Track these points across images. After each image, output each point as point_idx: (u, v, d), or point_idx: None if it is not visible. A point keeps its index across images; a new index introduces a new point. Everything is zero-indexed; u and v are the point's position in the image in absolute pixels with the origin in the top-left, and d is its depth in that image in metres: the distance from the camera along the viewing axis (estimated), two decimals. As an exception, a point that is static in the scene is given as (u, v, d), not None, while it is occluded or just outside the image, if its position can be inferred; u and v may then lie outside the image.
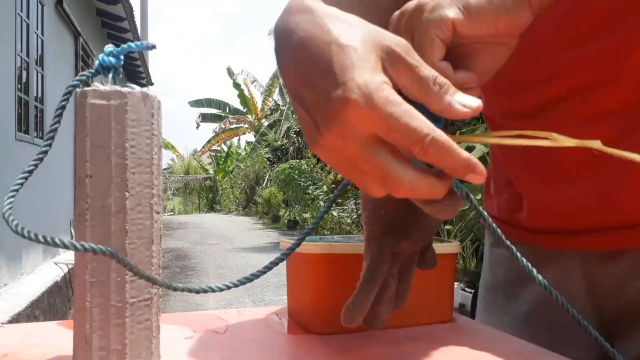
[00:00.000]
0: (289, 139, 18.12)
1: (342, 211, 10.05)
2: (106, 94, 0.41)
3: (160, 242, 0.44)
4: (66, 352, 0.45)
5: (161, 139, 0.45)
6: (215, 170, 23.95)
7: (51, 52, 6.03)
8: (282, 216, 14.65)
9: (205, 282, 6.37)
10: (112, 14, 8.01)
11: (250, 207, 18.32)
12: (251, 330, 0.59)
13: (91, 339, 0.41)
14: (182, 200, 24.49)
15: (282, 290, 5.62)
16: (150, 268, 0.43)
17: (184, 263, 7.83)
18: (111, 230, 0.41)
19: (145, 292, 0.43)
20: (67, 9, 6.41)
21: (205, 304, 5.21)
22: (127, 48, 0.42)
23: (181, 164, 27.17)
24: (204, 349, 0.52)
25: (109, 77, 0.43)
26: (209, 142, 24.50)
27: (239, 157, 22.12)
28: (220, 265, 7.55)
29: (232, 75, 21.90)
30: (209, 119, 23.67)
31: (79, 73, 0.44)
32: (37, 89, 5.61)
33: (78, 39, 7.23)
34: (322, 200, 10.70)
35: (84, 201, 0.41)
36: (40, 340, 0.53)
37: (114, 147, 0.41)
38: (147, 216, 0.43)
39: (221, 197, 22.98)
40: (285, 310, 0.65)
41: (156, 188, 0.43)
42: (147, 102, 0.42)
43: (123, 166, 0.41)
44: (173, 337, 0.55)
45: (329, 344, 0.54)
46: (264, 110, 22.56)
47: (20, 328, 0.60)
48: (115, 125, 0.41)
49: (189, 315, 0.64)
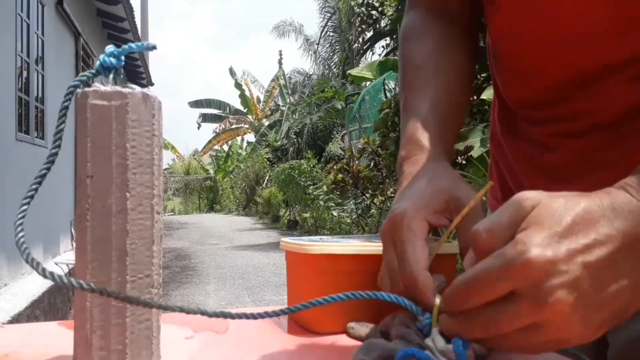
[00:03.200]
0: (289, 139, 18.13)
1: (342, 211, 10.05)
2: (107, 95, 0.41)
3: (160, 242, 0.44)
4: (66, 352, 0.46)
5: (162, 139, 0.45)
6: (216, 171, 23.95)
7: (51, 52, 6.03)
8: (282, 216, 14.64)
9: (206, 282, 6.37)
10: (113, 14, 8.00)
11: (251, 207, 18.32)
12: (251, 330, 0.59)
13: (91, 338, 0.41)
14: (182, 200, 24.48)
15: (282, 290, 5.62)
16: (150, 268, 0.43)
17: (184, 263, 7.83)
18: (112, 230, 0.41)
19: (146, 292, 0.43)
20: (67, 9, 6.40)
21: (206, 304, 5.21)
22: (127, 49, 0.43)
23: (182, 164, 27.16)
24: (204, 349, 0.52)
25: (109, 78, 0.43)
26: (210, 142, 24.52)
27: (239, 158, 22.12)
28: (221, 265, 7.55)
29: (233, 76, 21.91)
30: (209, 119, 23.69)
31: (80, 73, 0.44)
32: (37, 89, 5.61)
33: (78, 39, 7.23)
34: (322, 200, 10.69)
35: (84, 201, 0.41)
36: (41, 340, 0.53)
37: (115, 147, 0.41)
38: (148, 216, 0.43)
39: (221, 197, 22.98)
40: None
41: (157, 188, 0.43)
42: (148, 102, 0.43)
43: (124, 166, 0.42)
44: (173, 337, 0.55)
45: (329, 344, 0.54)
46: (264, 110, 22.57)
47: (20, 328, 0.60)
48: (116, 125, 0.41)
49: (189, 315, 0.64)
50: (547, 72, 0.61)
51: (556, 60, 0.60)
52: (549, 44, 0.59)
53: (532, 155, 0.66)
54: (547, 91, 0.62)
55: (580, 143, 0.60)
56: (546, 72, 0.61)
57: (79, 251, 0.42)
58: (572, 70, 0.59)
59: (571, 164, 0.61)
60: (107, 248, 0.41)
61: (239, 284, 6.23)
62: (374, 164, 6.37)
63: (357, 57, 17.91)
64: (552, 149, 0.63)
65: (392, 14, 13.60)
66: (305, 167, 12.00)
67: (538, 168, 0.66)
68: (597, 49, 0.56)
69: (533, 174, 0.67)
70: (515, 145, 0.69)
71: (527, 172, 0.68)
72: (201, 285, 6.18)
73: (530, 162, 0.67)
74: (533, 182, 0.67)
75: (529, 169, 0.68)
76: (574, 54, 0.58)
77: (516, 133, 0.69)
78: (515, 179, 0.71)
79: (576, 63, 0.58)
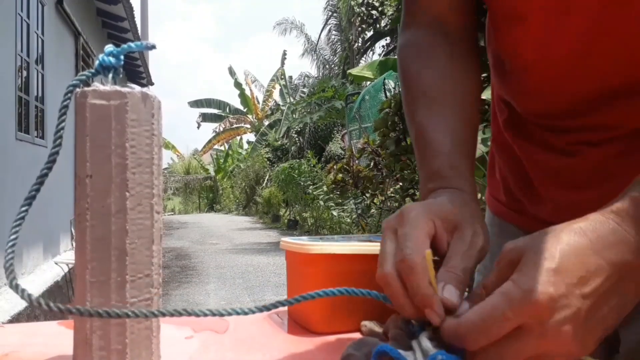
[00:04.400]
0: (289, 138, 18.13)
1: (342, 211, 10.05)
2: (106, 94, 0.41)
3: (160, 242, 0.44)
4: (66, 352, 0.45)
5: (161, 138, 0.45)
6: (216, 170, 23.95)
7: (51, 52, 6.03)
8: (282, 216, 14.65)
9: (206, 281, 6.37)
10: (113, 14, 8.00)
11: (250, 207, 18.32)
12: (251, 330, 0.59)
13: (91, 338, 0.41)
14: (182, 199, 24.48)
15: (282, 290, 5.63)
16: (150, 268, 0.43)
17: (184, 262, 7.83)
18: (111, 230, 0.41)
19: (146, 291, 0.43)
20: (67, 9, 6.40)
21: (205, 304, 5.21)
22: (126, 48, 0.42)
23: (181, 164, 27.17)
24: (204, 349, 0.52)
25: (109, 77, 0.43)
26: (210, 142, 24.52)
27: (240, 157, 22.12)
28: (221, 265, 7.55)
29: (233, 75, 21.93)
30: (209, 118, 23.70)
31: (79, 73, 0.44)
32: (37, 89, 5.61)
33: (78, 39, 7.23)
34: (322, 200, 10.69)
35: (84, 201, 0.41)
36: (41, 340, 0.53)
37: (114, 147, 0.41)
38: (147, 216, 0.43)
39: (221, 196, 22.97)
40: (285, 310, 0.65)
41: (156, 188, 0.43)
42: (147, 102, 0.43)
43: (123, 166, 0.41)
44: (173, 337, 0.55)
45: (329, 344, 0.54)
46: (264, 110, 22.58)
47: (20, 328, 0.60)
48: (115, 125, 0.41)
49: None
50: (574, 86, 0.61)
51: (584, 75, 0.59)
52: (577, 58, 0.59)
53: (548, 160, 0.66)
54: (570, 104, 0.62)
55: (598, 152, 0.61)
56: (573, 86, 0.61)
57: (78, 251, 0.42)
58: (598, 85, 0.59)
59: (588, 171, 0.62)
60: (107, 247, 0.41)
61: (239, 283, 6.23)
62: (374, 164, 6.36)
63: (357, 57, 17.92)
64: (570, 155, 0.63)
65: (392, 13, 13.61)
66: (305, 167, 11.99)
67: (554, 174, 0.66)
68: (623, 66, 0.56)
69: (549, 181, 0.67)
70: (530, 151, 0.68)
71: (544, 180, 0.68)
72: (201, 285, 6.18)
73: (546, 167, 0.67)
74: (548, 189, 0.67)
75: (545, 176, 0.67)
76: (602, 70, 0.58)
77: (531, 139, 0.68)
78: (523, 184, 0.71)
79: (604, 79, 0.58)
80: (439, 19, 0.68)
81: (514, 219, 0.74)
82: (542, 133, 0.66)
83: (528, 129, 0.68)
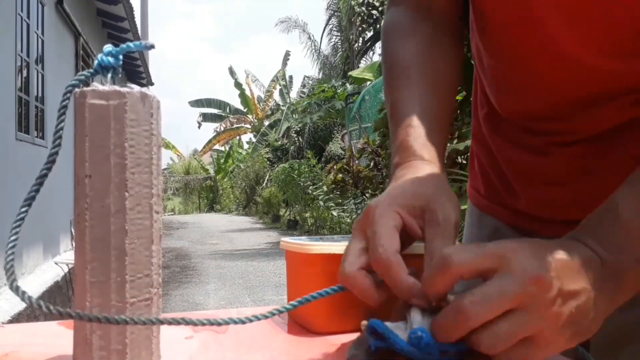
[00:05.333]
0: (289, 138, 18.13)
1: (342, 211, 10.06)
2: (105, 94, 0.41)
3: (159, 242, 0.44)
4: (66, 352, 0.45)
5: (160, 138, 0.45)
6: (216, 170, 23.95)
7: (51, 52, 6.03)
8: (282, 216, 14.65)
9: (206, 281, 6.37)
10: (113, 14, 8.00)
11: (251, 207, 18.32)
12: (251, 330, 0.59)
13: (91, 338, 0.41)
14: (182, 200, 24.48)
15: (282, 290, 5.63)
16: (150, 268, 0.43)
17: (184, 263, 7.83)
18: (110, 230, 0.41)
19: (145, 292, 0.43)
20: (67, 9, 6.40)
21: (205, 304, 5.21)
22: (125, 48, 0.42)
23: (181, 164, 27.16)
24: (204, 349, 0.52)
25: (108, 77, 0.43)
26: (210, 142, 24.53)
27: (240, 157, 22.12)
28: (221, 265, 7.55)
29: (233, 75, 21.94)
30: (209, 118, 23.70)
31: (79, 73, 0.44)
32: (37, 89, 5.61)
33: (78, 39, 7.23)
34: (322, 200, 10.70)
35: (83, 201, 0.41)
36: (41, 340, 0.53)
37: (113, 147, 0.41)
38: (147, 216, 0.43)
39: (221, 196, 22.97)
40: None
41: (155, 188, 0.43)
42: (146, 102, 0.42)
43: (122, 166, 0.41)
44: (173, 337, 0.55)
45: (329, 344, 0.54)
46: (264, 110, 22.58)
47: (20, 328, 0.60)
48: (114, 125, 0.41)
49: (189, 315, 0.64)
50: (537, 93, 0.62)
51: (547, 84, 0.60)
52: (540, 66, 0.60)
53: (523, 159, 0.67)
54: (540, 110, 0.63)
55: (572, 151, 0.62)
56: (537, 94, 0.62)
57: (78, 251, 0.42)
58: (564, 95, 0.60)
59: (563, 169, 0.63)
60: (106, 248, 0.41)
61: (239, 283, 6.23)
62: (374, 164, 6.37)
63: (357, 57, 17.91)
64: (544, 154, 0.64)
65: (392, 13, 13.56)
66: (305, 167, 11.99)
67: (527, 170, 0.67)
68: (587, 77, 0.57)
69: (522, 177, 0.68)
70: (504, 147, 0.69)
71: (518, 176, 0.68)
72: (201, 285, 6.18)
73: (521, 165, 0.67)
74: (522, 184, 0.68)
75: (518, 172, 0.68)
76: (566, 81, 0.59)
77: (505, 136, 0.69)
78: (499, 177, 0.72)
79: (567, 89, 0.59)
80: (424, 1, 0.69)
81: (492, 211, 0.75)
82: (517, 132, 0.67)
83: (503, 127, 0.69)
